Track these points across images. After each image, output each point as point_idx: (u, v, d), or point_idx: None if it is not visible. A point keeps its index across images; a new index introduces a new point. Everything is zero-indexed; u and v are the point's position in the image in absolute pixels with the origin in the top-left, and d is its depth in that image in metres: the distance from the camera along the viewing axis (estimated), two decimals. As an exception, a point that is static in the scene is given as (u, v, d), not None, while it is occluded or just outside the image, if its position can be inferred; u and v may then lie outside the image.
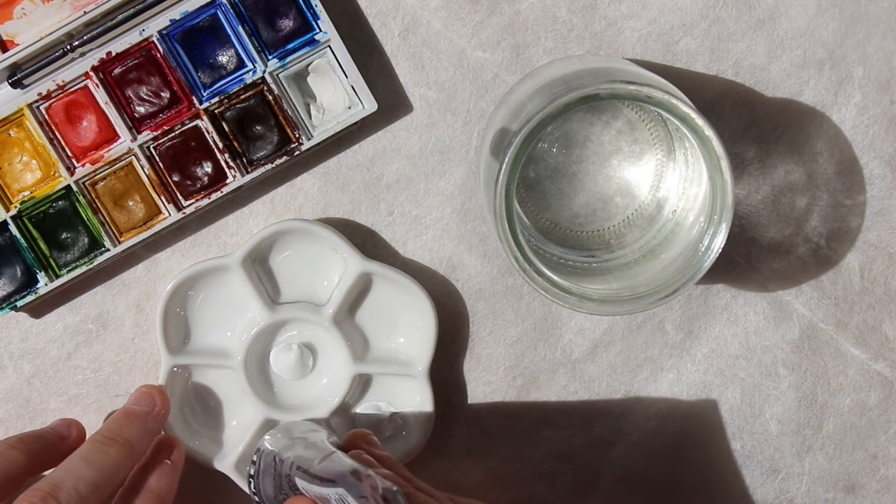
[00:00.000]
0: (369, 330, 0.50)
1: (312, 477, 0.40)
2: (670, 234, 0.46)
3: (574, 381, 0.51)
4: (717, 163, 0.40)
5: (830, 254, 0.50)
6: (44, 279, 0.48)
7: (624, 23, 0.48)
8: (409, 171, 0.49)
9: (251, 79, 0.47)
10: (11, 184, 0.48)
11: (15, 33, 0.46)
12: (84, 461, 0.42)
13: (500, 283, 0.50)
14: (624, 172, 0.47)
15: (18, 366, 0.50)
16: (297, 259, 0.49)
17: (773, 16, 0.48)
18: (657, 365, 0.51)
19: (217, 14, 0.47)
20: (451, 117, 0.49)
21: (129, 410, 0.46)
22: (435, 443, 0.50)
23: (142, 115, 0.47)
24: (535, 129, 0.39)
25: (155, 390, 0.47)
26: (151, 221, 0.48)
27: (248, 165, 0.48)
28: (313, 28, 0.47)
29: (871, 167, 0.49)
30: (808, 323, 0.50)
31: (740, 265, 0.50)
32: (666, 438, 0.52)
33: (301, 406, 0.50)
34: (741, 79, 0.49)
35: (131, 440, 0.44)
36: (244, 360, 0.49)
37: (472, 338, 0.51)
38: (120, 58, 0.47)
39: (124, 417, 0.46)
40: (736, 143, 0.49)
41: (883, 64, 0.49)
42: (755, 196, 0.50)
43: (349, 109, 0.48)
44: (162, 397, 0.47)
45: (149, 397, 0.47)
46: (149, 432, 0.46)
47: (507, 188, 0.40)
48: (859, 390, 0.51)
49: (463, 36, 0.49)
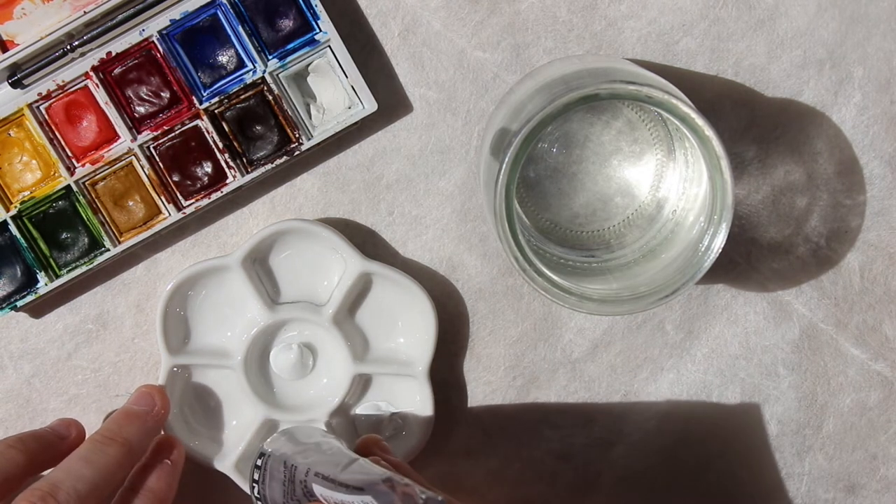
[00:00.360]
0: (369, 330, 0.50)
1: (337, 484, 0.39)
2: (670, 234, 0.46)
3: (574, 381, 0.51)
4: (717, 163, 0.40)
5: (830, 254, 0.50)
6: (44, 279, 0.48)
7: (624, 23, 0.48)
8: (409, 171, 0.49)
9: (251, 79, 0.47)
10: (11, 184, 0.48)
11: (15, 33, 0.46)
12: (83, 461, 0.42)
13: (500, 283, 0.50)
14: (624, 172, 0.47)
15: (18, 366, 0.50)
16: (297, 259, 0.49)
17: (773, 16, 0.48)
18: (657, 365, 0.51)
19: (217, 14, 0.47)
20: (451, 117, 0.49)
21: (128, 410, 0.46)
22: (435, 443, 0.50)
23: (142, 115, 0.47)
24: (535, 129, 0.39)
25: (155, 390, 0.47)
26: (151, 221, 0.48)
27: (248, 165, 0.48)
28: (313, 28, 0.47)
29: (871, 167, 0.49)
30: (808, 323, 0.50)
31: (740, 265, 0.50)
32: (666, 438, 0.51)
33: (301, 406, 0.50)
34: (741, 79, 0.49)
35: (130, 440, 0.44)
36: (244, 360, 0.49)
37: (472, 338, 0.51)
38: (120, 58, 0.47)
39: (124, 417, 0.45)
40: (736, 143, 0.49)
41: (883, 64, 0.49)
42: (755, 196, 0.50)
43: (349, 109, 0.48)
44: (162, 397, 0.47)
45: (148, 397, 0.47)
46: (148, 432, 0.46)
47: (507, 188, 0.40)
48: (859, 390, 0.51)
49: (463, 36, 0.48)
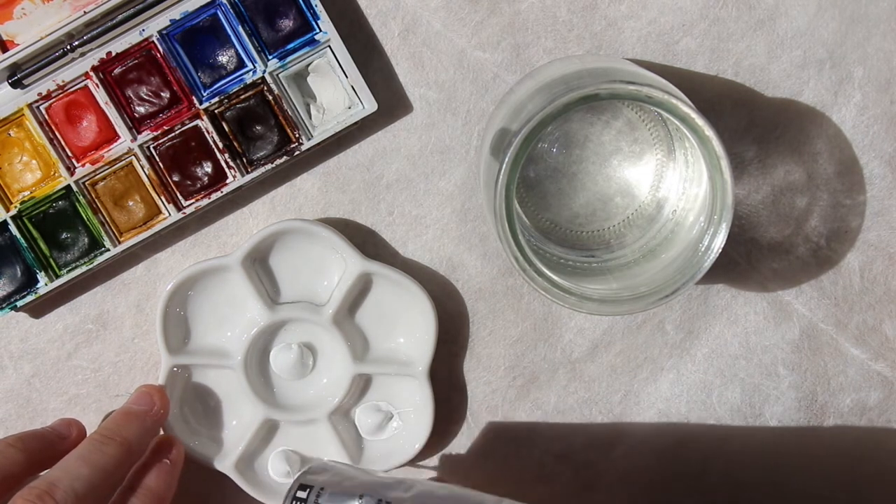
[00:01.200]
0: (369, 330, 0.50)
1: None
2: (670, 234, 0.46)
3: (574, 381, 0.51)
4: (717, 163, 0.40)
5: (830, 254, 0.50)
6: (44, 279, 0.48)
7: (624, 23, 0.48)
8: (409, 171, 0.49)
9: (251, 79, 0.47)
10: (11, 184, 0.48)
11: (15, 33, 0.46)
12: (81, 460, 0.42)
13: (500, 283, 0.50)
14: (624, 172, 0.47)
15: (18, 366, 0.50)
16: (297, 259, 0.49)
17: (773, 16, 0.48)
18: (657, 365, 0.51)
19: (217, 14, 0.47)
20: (451, 117, 0.49)
21: (127, 410, 0.46)
22: (435, 443, 0.50)
23: (142, 115, 0.47)
24: (535, 129, 0.39)
25: (154, 390, 0.47)
26: (151, 221, 0.48)
27: (248, 165, 0.48)
28: (313, 28, 0.47)
29: (871, 167, 0.49)
30: (807, 323, 0.50)
31: (740, 265, 0.50)
32: (666, 438, 0.51)
33: (301, 406, 0.50)
34: (741, 79, 0.49)
35: (129, 439, 0.44)
36: (244, 360, 0.49)
37: (472, 338, 0.51)
38: (120, 58, 0.47)
39: (123, 417, 0.46)
40: (736, 143, 0.49)
41: (883, 64, 0.49)
42: (755, 196, 0.50)
43: (349, 109, 0.48)
44: (161, 397, 0.47)
45: (148, 397, 0.47)
46: (147, 432, 0.46)
47: (507, 188, 0.40)
48: (859, 390, 0.51)
49: (463, 36, 0.48)
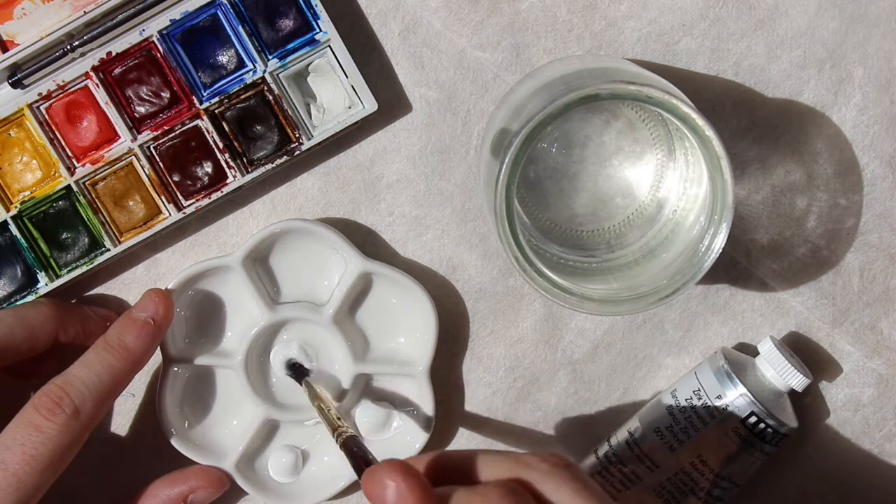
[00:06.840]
0: (369, 330, 0.50)
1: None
2: (671, 234, 0.46)
3: (574, 381, 0.51)
4: (718, 163, 0.40)
5: (830, 254, 0.50)
6: (44, 279, 0.48)
7: (624, 23, 0.48)
8: (409, 171, 0.49)
9: (251, 79, 0.47)
10: (12, 184, 0.48)
11: (15, 33, 0.46)
12: (85, 367, 0.44)
13: (500, 283, 0.50)
14: (624, 172, 0.47)
15: (18, 366, 0.50)
16: (298, 259, 0.49)
17: (773, 16, 0.48)
18: (657, 364, 0.51)
19: (217, 14, 0.47)
20: (451, 117, 0.49)
21: (130, 317, 0.46)
22: (435, 443, 0.50)
23: (142, 115, 0.47)
24: (536, 129, 0.39)
25: (158, 295, 0.47)
26: (151, 221, 0.48)
27: (249, 165, 0.48)
28: (313, 28, 0.47)
29: (871, 167, 0.49)
30: (804, 320, 0.50)
31: (740, 265, 0.50)
32: (666, 438, 0.51)
33: (301, 406, 0.50)
34: (741, 79, 0.49)
35: (130, 346, 0.45)
36: (244, 360, 0.49)
37: (472, 338, 0.51)
38: (120, 58, 0.47)
39: (125, 324, 0.46)
40: (736, 143, 0.49)
41: (883, 64, 0.49)
42: (755, 196, 0.50)
43: (349, 109, 0.48)
44: (164, 301, 0.47)
45: (151, 302, 0.47)
46: (149, 337, 0.46)
47: (508, 188, 0.40)
48: (853, 387, 0.51)
49: (463, 36, 0.48)
